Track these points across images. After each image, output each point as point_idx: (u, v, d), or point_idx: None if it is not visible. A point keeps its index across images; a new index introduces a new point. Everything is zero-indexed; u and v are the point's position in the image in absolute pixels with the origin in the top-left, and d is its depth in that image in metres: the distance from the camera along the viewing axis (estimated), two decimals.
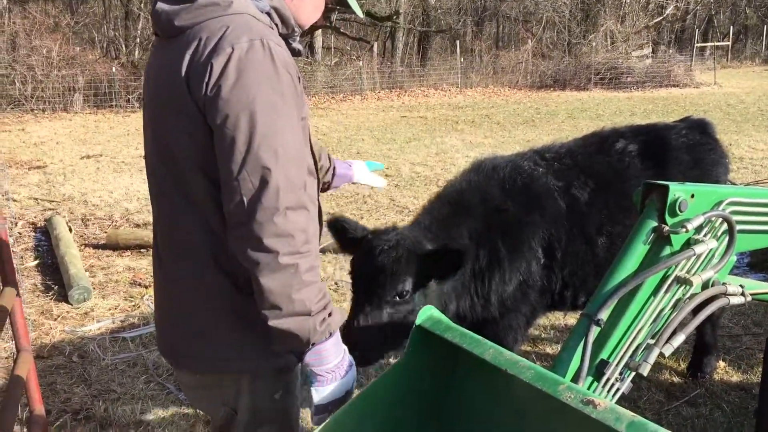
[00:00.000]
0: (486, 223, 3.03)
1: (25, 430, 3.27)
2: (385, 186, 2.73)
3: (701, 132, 3.51)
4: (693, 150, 3.39)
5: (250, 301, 1.71)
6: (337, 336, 1.77)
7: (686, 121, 3.65)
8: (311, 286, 1.65)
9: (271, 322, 1.64)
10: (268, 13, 1.80)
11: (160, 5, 1.75)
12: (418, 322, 2.07)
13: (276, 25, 1.83)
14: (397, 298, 2.69)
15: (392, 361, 2.90)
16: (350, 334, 2.65)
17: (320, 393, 1.77)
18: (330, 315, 1.72)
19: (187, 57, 1.65)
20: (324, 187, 2.50)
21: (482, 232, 3.02)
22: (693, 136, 3.45)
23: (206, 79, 1.60)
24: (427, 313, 2.06)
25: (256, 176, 1.58)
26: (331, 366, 1.76)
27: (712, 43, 34.09)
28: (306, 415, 2.94)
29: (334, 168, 2.53)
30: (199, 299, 1.83)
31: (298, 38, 1.95)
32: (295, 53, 1.93)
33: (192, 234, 1.79)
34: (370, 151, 11.96)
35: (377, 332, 2.69)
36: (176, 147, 1.73)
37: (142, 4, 22.66)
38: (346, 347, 1.84)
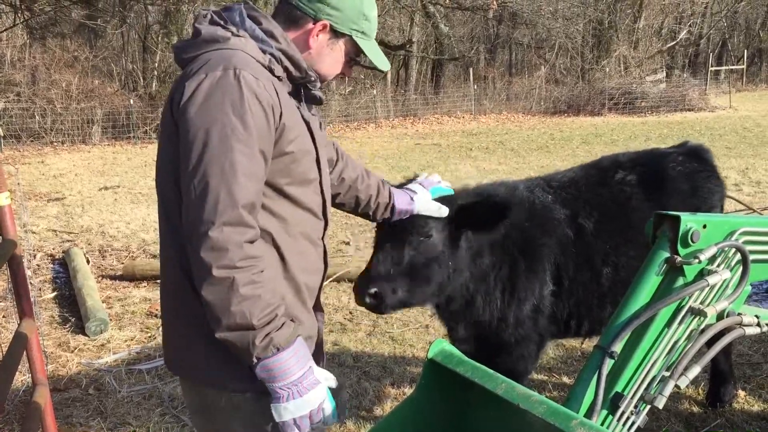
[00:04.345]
0: (507, 235, 3.02)
1: None
2: (446, 215, 2.69)
3: (698, 159, 3.47)
4: (691, 178, 3.37)
5: None
6: (296, 350, 1.75)
7: (683, 147, 3.61)
8: (251, 300, 1.68)
9: (216, 335, 1.70)
10: (272, 54, 1.89)
11: (177, 42, 1.94)
12: (429, 355, 2.07)
13: (286, 68, 1.92)
14: (421, 239, 2.64)
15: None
16: (368, 271, 2.66)
17: (277, 410, 1.76)
18: (278, 330, 1.72)
19: (178, 81, 1.83)
20: (381, 221, 2.62)
21: (503, 243, 3.01)
22: (690, 164, 3.42)
23: (179, 99, 1.75)
24: (439, 347, 2.06)
25: (200, 189, 1.68)
26: (287, 383, 1.74)
27: (727, 67, 34.06)
28: None
29: (393, 205, 2.57)
30: (180, 312, 1.92)
31: (318, 86, 2.03)
32: (315, 101, 2.05)
33: (170, 247, 1.89)
34: (384, 179, 11.98)
35: (396, 273, 2.64)
36: (161, 157, 1.88)
37: (159, 38, 23.04)
38: (313, 364, 1.82)
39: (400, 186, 2.71)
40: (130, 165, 15.07)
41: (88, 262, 7.11)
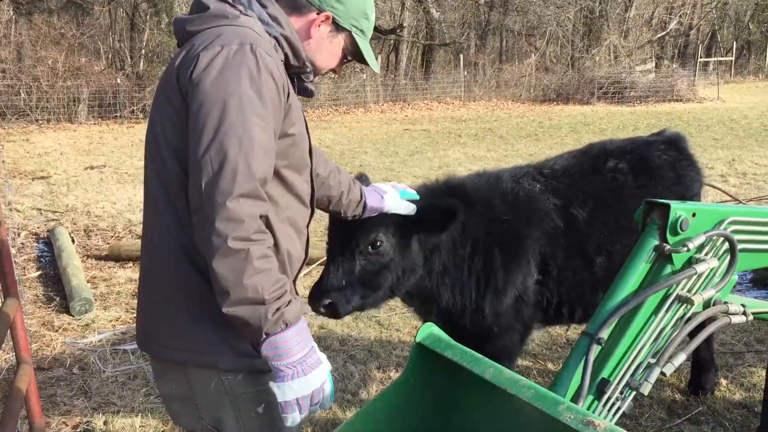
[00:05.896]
0: (485, 230, 3.03)
1: None
2: (414, 213, 2.72)
3: (677, 147, 3.49)
4: (674, 167, 3.39)
5: None
6: (300, 329, 1.73)
7: (662, 135, 3.60)
8: (264, 273, 1.65)
9: (224, 309, 1.66)
10: (276, 39, 1.89)
11: (179, 16, 1.92)
12: (418, 339, 2.07)
13: (286, 54, 1.92)
14: (370, 249, 2.70)
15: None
16: (321, 283, 2.70)
17: (281, 389, 1.72)
18: (287, 305, 1.70)
19: (184, 52, 1.81)
20: (353, 218, 2.61)
21: (481, 238, 3.01)
22: (672, 152, 3.44)
23: (191, 69, 1.72)
24: (427, 331, 2.06)
25: (217, 160, 1.65)
26: (292, 361, 1.71)
27: (716, 58, 34.11)
28: None
29: (365, 203, 2.57)
30: (169, 291, 1.88)
31: (311, 78, 2.04)
32: (306, 93, 2.06)
33: (166, 224, 1.86)
34: (373, 163, 11.98)
35: (348, 282, 2.69)
36: (161, 131, 1.84)
37: (147, 16, 22.79)
38: (314, 344, 1.80)
39: (368, 185, 2.73)
40: (116, 144, 14.94)
41: (73, 241, 7.05)
